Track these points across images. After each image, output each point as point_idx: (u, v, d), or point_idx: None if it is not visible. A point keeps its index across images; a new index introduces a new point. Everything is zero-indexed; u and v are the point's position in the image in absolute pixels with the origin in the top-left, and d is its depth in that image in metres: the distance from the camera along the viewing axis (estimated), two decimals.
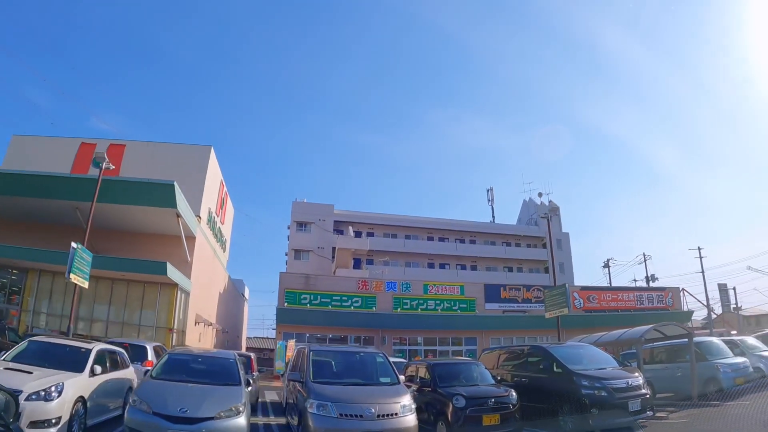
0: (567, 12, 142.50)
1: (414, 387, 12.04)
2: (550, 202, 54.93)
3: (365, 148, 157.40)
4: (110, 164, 18.65)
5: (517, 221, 61.70)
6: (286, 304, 34.55)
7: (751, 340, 17.18)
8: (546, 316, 23.99)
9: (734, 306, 47.12)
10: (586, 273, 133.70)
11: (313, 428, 8.35)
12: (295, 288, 35.37)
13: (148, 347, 14.85)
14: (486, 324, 36.54)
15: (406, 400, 9.22)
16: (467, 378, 11.83)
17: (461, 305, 37.83)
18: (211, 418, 7.50)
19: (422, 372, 12.56)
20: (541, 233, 52.35)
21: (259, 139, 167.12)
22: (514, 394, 10.76)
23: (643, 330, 15.02)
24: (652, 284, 47.29)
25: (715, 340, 16.42)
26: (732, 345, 15.92)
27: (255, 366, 17.77)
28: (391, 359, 19.80)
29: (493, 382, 11.88)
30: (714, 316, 45.21)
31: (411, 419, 8.94)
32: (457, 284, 39.58)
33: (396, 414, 8.79)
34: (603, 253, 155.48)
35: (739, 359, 14.64)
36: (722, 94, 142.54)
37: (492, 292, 39.31)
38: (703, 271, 44.50)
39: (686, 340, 14.76)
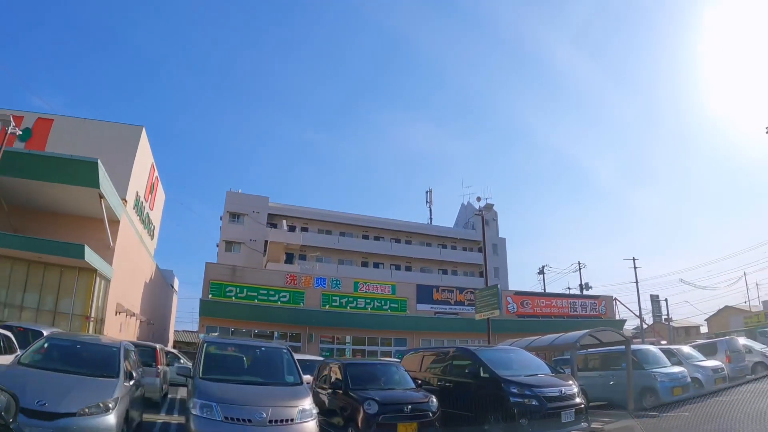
0: (518, 25, 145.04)
1: (328, 389, 10.85)
2: (487, 204, 54.49)
3: (307, 145, 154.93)
4: (17, 129, 17.39)
5: (455, 224, 61.33)
6: (210, 296, 32.65)
7: (686, 349, 16.83)
8: (476, 317, 23.06)
9: (665, 317, 48.25)
10: (521, 281, 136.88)
11: None
12: (221, 279, 33.46)
13: (45, 333, 13.16)
14: (417, 325, 35.91)
15: (307, 404, 7.96)
16: (385, 381, 10.69)
17: (392, 305, 36.87)
18: (72, 414, 6.55)
19: (336, 372, 11.09)
20: (477, 237, 51.83)
21: (198, 128, 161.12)
22: (434, 400, 9.64)
23: (578, 335, 14.01)
24: (586, 292, 47.69)
25: (653, 348, 15.88)
26: (669, 354, 15.40)
27: (161, 359, 16.24)
28: (317, 357, 18.59)
29: (413, 386, 10.75)
30: (645, 326, 46.05)
31: (310, 426, 7.67)
32: (388, 283, 38.55)
33: (292, 420, 7.53)
34: (540, 262, 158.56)
35: (677, 369, 14.17)
36: (662, 114, 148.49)
37: (424, 293, 38.58)
38: (637, 282, 45.61)
39: (622, 347, 13.99)
